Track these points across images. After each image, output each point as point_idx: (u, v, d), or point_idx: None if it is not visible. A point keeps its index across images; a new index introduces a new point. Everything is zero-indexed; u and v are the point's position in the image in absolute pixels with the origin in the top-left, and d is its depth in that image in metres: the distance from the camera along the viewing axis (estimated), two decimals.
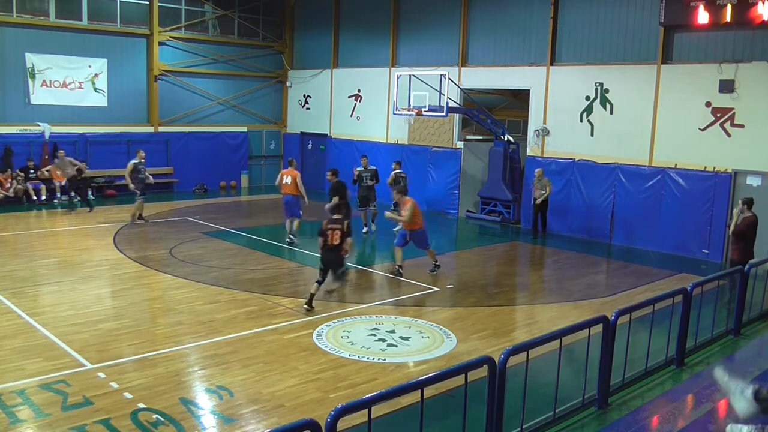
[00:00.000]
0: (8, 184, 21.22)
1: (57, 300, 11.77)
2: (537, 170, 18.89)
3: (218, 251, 15.90)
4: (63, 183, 21.51)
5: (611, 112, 18.22)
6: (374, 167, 18.88)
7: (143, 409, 7.53)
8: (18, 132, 21.96)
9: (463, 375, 5.35)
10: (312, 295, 11.39)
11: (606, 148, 18.33)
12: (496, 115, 22.41)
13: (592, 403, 6.78)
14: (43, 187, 21.84)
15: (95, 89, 23.59)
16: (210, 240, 17.09)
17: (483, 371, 5.46)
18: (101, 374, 8.47)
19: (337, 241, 11.36)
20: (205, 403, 7.88)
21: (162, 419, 7.32)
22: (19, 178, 21.50)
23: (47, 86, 22.63)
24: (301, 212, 16.73)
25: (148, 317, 11.17)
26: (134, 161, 18.71)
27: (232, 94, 26.92)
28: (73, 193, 21.17)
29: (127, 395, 7.81)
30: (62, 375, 8.40)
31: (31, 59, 22.23)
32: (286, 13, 27.79)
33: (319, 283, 11.47)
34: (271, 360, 9.16)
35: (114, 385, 8.15)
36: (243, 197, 25.59)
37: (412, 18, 23.27)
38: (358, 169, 18.63)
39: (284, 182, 16.51)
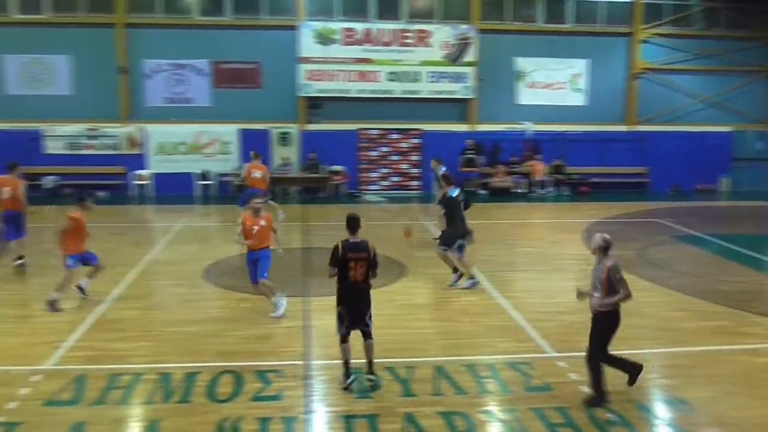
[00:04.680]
0: (499, 177, 23.43)
1: (528, 287, 12.59)
2: None
3: (689, 257, 15.09)
4: (541, 177, 22.98)
5: None
6: None
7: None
8: (504, 130, 24.04)
9: None
10: None
11: None
12: None
13: None
14: (524, 180, 23.59)
15: (575, 89, 24.46)
16: (680, 244, 16.31)
17: None
18: (562, 363, 8.79)
19: None
20: (662, 412, 7.58)
21: (616, 419, 7.27)
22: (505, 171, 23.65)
23: (532, 87, 24.28)
24: None
25: None
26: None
27: (714, 92, 25.17)
28: (551, 188, 22.45)
29: (585, 389, 7.94)
30: (527, 357, 8.95)
31: (520, 63, 24.11)
32: None
33: None
34: (742, 382, 8.34)
35: (573, 376, 8.36)
36: (722, 202, 23.77)
37: None
38: None
39: None
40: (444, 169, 15.11)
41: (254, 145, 23.14)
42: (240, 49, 23.38)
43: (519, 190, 23.52)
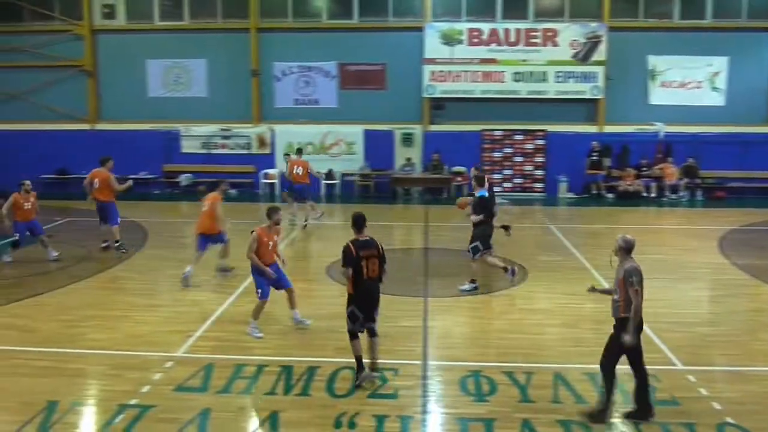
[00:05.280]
0: (628, 180, 22.57)
1: (656, 296, 11.94)
2: None
3: None
4: (673, 181, 21.94)
5: None
6: None
7: (731, 425, 7.14)
8: (635, 131, 23.12)
9: None
10: None
11: None
12: None
13: None
14: (654, 184, 22.58)
15: (713, 88, 23.16)
16: None
17: None
18: (691, 377, 8.36)
19: None
20: None
21: None
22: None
23: (665, 87, 23.21)
24: None
25: (747, 329, 10.48)
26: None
27: None
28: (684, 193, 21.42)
29: (716, 405, 7.51)
30: (654, 369, 8.49)
31: (653, 61, 23.10)
32: None
33: None
34: None
35: (703, 391, 7.94)
36: None
37: None
38: None
39: None
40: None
41: (378, 145, 23.55)
42: (366, 51, 23.77)
43: (649, 195, 22.53)
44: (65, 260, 14.20)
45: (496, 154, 23.81)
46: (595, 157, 22.78)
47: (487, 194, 12.13)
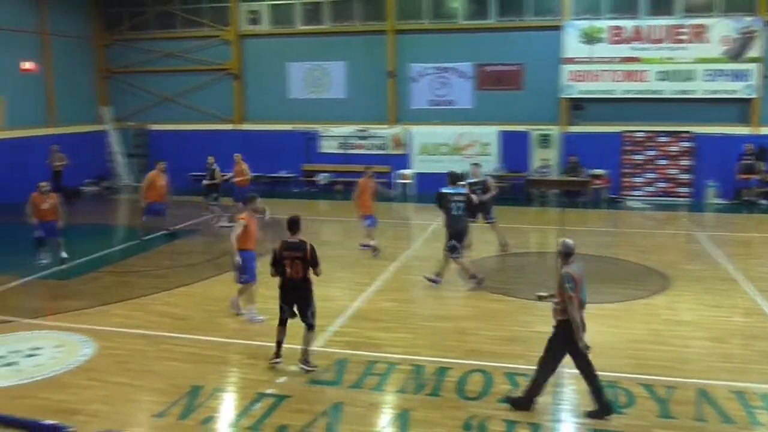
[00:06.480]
0: None
1: None
2: None
3: None
4: None
5: None
6: None
7: None
8: None
9: None
10: None
11: None
12: None
13: None
14: None
15: None
16: None
17: None
18: None
19: None
20: None
21: None
22: None
23: None
24: None
25: None
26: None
27: None
28: None
29: None
30: None
31: None
32: None
33: None
34: None
35: None
36: None
37: None
38: None
39: None
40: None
41: (513, 146, 23.20)
42: (503, 51, 23.47)
43: None
44: (211, 253, 15.01)
45: (638, 157, 22.79)
46: (748, 161, 21.30)
47: (444, 191, 12.25)
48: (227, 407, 7.83)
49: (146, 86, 26.40)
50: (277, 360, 8.73)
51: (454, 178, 12.48)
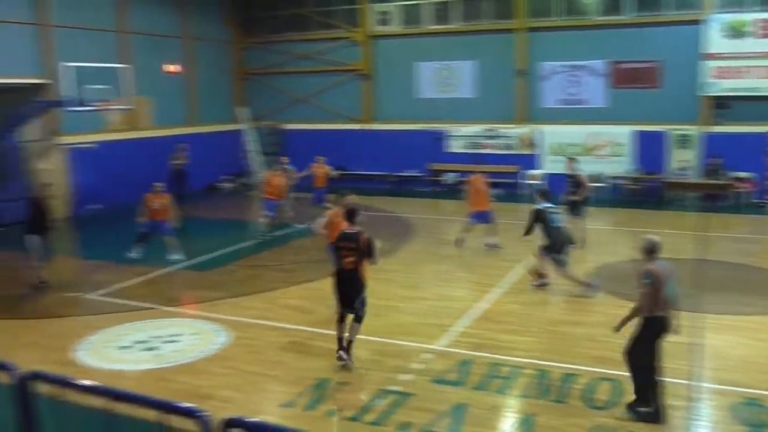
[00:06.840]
0: None
1: None
2: None
3: None
4: None
5: None
6: None
7: None
8: None
9: None
10: None
11: None
12: None
13: None
14: None
15: None
16: None
17: None
18: None
19: None
20: None
21: None
22: None
23: None
24: None
25: None
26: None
27: None
28: None
29: None
30: None
31: None
32: None
33: None
34: None
35: None
36: None
37: None
38: None
39: None
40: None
41: (649, 147, 22.26)
42: (639, 47, 22.54)
43: None
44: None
45: None
46: None
47: (539, 207, 12.22)
48: (351, 401, 7.99)
49: (280, 87, 27.39)
50: (341, 355, 8.73)
51: (545, 194, 12.58)
